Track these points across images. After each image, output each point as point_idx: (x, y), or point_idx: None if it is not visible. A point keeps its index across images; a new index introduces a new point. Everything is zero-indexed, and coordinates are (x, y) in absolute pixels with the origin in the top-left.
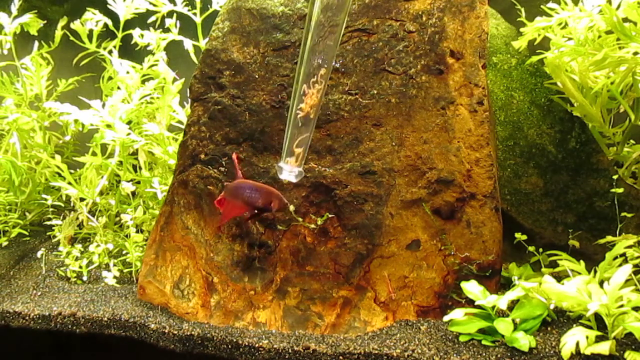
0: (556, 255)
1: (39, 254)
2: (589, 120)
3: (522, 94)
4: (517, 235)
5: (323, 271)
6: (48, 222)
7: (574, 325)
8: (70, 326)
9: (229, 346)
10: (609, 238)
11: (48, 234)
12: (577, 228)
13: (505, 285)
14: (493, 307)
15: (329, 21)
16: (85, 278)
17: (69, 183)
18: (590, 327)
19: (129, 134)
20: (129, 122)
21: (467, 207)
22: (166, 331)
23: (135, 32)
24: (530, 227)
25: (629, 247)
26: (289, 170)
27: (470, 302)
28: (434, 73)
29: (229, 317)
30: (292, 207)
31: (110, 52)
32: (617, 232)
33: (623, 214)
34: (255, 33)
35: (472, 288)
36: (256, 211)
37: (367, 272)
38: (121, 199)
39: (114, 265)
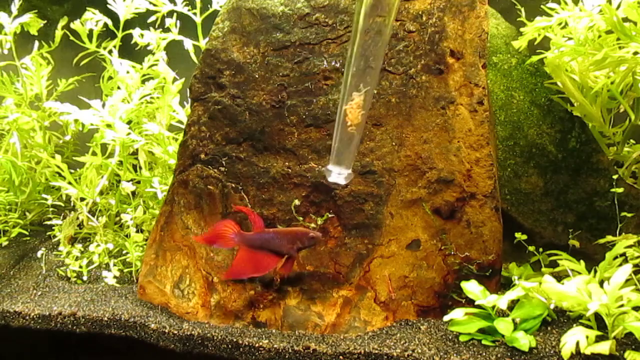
0: (556, 255)
1: (39, 254)
2: (589, 120)
3: (522, 93)
4: (517, 235)
5: (323, 271)
6: (48, 222)
7: (574, 325)
8: (70, 326)
9: (229, 346)
10: (609, 238)
11: (48, 233)
12: (577, 228)
13: (505, 285)
14: (493, 307)
15: (369, 25)
16: (85, 278)
17: (69, 183)
18: (590, 327)
19: (129, 133)
20: (129, 122)
21: (467, 207)
22: (166, 331)
23: (135, 32)
24: (530, 227)
25: (629, 246)
26: (337, 173)
27: (470, 302)
28: (434, 73)
29: (229, 317)
30: (296, 202)
31: (110, 52)
32: (617, 232)
33: (623, 213)
34: (255, 33)
35: (472, 288)
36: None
37: (367, 271)
38: (121, 199)
39: (114, 265)
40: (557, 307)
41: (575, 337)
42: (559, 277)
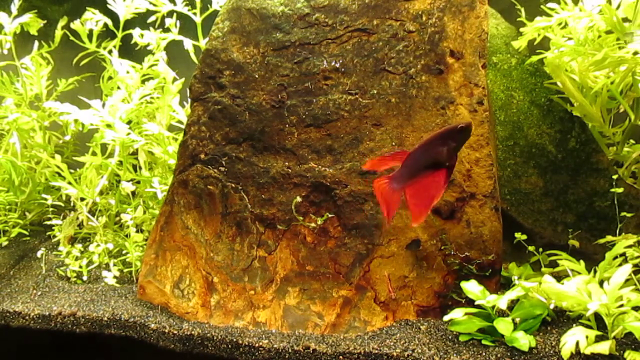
0: (556, 255)
1: (39, 254)
2: (589, 120)
3: (522, 93)
4: (517, 235)
5: (323, 271)
6: (48, 222)
7: (574, 325)
8: (70, 326)
9: (229, 346)
10: (609, 238)
11: (48, 233)
12: (577, 228)
13: (505, 285)
14: (493, 307)
15: None
16: (85, 278)
17: (69, 183)
18: (590, 327)
19: (129, 133)
20: (129, 122)
21: (467, 207)
22: (166, 331)
23: (135, 32)
24: (530, 227)
25: (629, 246)
26: None
27: (470, 302)
28: (434, 73)
29: (229, 317)
30: (297, 198)
31: (110, 52)
32: (617, 232)
33: (623, 213)
34: (255, 33)
35: (472, 288)
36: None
37: (367, 271)
38: (121, 199)
39: (114, 265)
40: (557, 307)
41: (575, 337)
42: (559, 277)
